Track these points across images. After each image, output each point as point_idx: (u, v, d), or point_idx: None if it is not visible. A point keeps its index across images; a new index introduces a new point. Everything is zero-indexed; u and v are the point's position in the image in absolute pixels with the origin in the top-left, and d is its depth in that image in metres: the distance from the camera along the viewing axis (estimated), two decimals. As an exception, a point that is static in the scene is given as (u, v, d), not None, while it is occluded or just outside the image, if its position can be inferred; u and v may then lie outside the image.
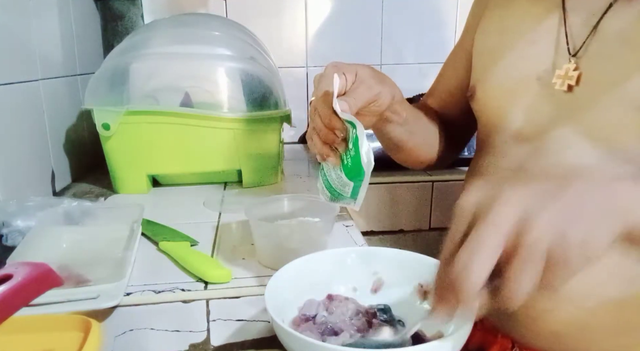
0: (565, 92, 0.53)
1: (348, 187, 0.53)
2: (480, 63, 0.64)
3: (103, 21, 1.27)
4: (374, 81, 0.55)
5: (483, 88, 0.62)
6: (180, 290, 0.55)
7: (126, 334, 0.54)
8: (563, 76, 0.53)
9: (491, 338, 0.61)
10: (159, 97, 0.89)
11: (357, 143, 0.49)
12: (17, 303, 0.47)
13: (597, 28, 0.51)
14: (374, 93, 0.55)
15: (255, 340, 0.56)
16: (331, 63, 0.55)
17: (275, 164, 0.97)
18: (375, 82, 0.55)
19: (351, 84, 0.54)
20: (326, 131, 0.52)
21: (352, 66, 0.55)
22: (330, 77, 0.52)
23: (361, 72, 0.55)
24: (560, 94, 0.53)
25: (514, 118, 0.58)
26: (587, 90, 0.51)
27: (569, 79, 0.52)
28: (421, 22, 1.39)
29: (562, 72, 0.53)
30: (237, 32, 1.02)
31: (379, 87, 0.55)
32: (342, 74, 0.53)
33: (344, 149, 0.52)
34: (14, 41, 0.81)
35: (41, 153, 0.90)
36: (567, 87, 0.52)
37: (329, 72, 0.53)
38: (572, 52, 0.53)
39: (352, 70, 0.54)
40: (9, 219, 0.66)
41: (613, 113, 0.49)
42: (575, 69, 0.52)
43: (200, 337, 0.55)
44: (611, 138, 0.49)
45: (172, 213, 0.81)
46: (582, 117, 0.51)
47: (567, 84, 0.52)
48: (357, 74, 0.54)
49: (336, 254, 0.55)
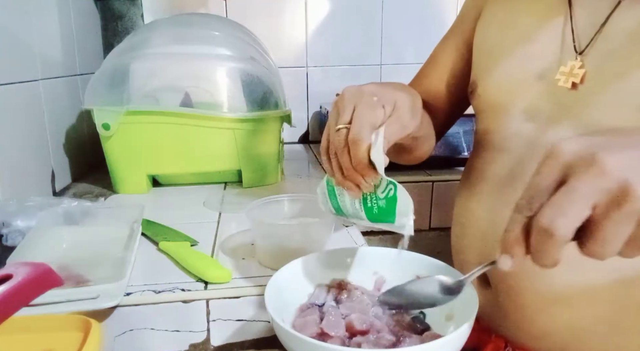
0: (568, 90, 0.52)
1: (362, 218, 0.50)
2: (481, 59, 0.64)
3: (103, 21, 1.27)
4: (409, 116, 0.51)
5: (484, 86, 0.62)
6: (180, 290, 0.55)
7: (126, 334, 0.54)
8: (567, 73, 0.52)
9: (485, 338, 0.61)
10: (159, 97, 0.89)
11: (394, 203, 0.46)
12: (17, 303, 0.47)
13: (605, 26, 0.51)
14: (406, 133, 0.51)
15: (255, 340, 0.56)
16: (370, 87, 0.49)
17: (275, 164, 0.97)
18: (410, 117, 0.51)
19: (388, 117, 0.48)
20: (353, 173, 0.47)
21: (391, 94, 0.49)
22: (370, 106, 0.46)
23: (400, 102, 0.49)
24: (563, 91, 0.53)
25: (513, 116, 0.58)
26: (591, 88, 0.51)
27: (573, 76, 0.52)
28: (421, 22, 1.39)
29: (566, 69, 0.52)
30: (237, 32, 1.02)
31: (413, 123, 0.52)
32: (382, 106, 0.47)
33: (369, 192, 0.48)
34: (14, 41, 0.81)
35: (41, 153, 0.90)
36: (571, 85, 0.52)
37: (368, 102, 0.47)
38: (578, 50, 0.52)
39: (392, 101, 0.49)
40: (9, 219, 0.66)
41: (616, 112, 0.49)
42: (581, 67, 0.51)
43: (200, 337, 0.55)
44: None
45: (172, 213, 0.81)
46: (583, 116, 0.51)
47: (572, 81, 0.52)
48: (396, 105, 0.49)
49: (336, 254, 0.55)
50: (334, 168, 0.48)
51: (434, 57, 0.75)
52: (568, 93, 0.52)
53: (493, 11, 0.63)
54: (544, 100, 0.55)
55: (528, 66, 0.57)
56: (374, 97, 0.48)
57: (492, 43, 0.62)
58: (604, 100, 0.49)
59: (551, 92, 0.54)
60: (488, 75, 0.61)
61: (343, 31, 1.38)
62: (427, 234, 1.16)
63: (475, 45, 0.66)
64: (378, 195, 0.47)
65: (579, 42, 0.53)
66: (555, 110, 0.54)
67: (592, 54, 0.51)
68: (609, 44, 0.50)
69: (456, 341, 0.41)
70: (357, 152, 0.45)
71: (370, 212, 0.49)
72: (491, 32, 0.63)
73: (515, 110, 0.58)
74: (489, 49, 0.62)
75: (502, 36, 0.60)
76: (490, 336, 0.61)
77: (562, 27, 0.54)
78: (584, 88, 0.51)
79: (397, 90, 0.51)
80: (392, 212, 0.46)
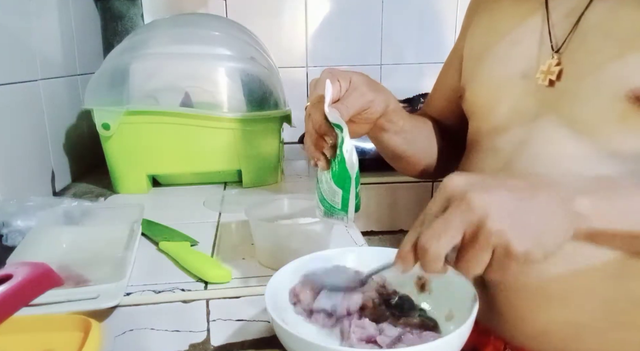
0: (547, 87, 0.55)
1: (338, 197, 0.52)
2: (468, 65, 0.66)
3: (103, 21, 1.26)
4: (368, 88, 0.56)
5: (471, 89, 0.64)
6: (180, 290, 0.55)
7: (126, 334, 0.54)
8: (545, 71, 0.55)
9: (484, 340, 0.61)
10: (159, 97, 0.89)
11: (343, 146, 0.50)
12: (17, 303, 0.47)
13: (578, 24, 0.53)
14: (367, 100, 0.56)
15: (255, 340, 0.56)
16: (327, 69, 0.56)
17: (275, 164, 0.97)
18: (369, 90, 0.56)
19: (345, 91, 0.54)
20: (316, 136, 0.53)
21: (347, 73, 0.55)
22: (324, 82, 0.52)
23: (355, 79, 0.55)
24: (543, 89, 0.55)
25: (500, 115, 0.60)
26: (568, 83, 0.53)
27: (550, 74, 0.54)
28: (421, 22, 1.39)
29: (545, 68, 0.55)
30: (237, 32, 1.02)
31: (372, 94, 0.56)
32: (337, 80, 0.53)
33: (333, 155, 0.53)
34: (14, 41, 0.81)
35: (41, 153, 0.90)
36: (548, 82, 0.54)
37: (323, 78, 0.54)
38: (555, 49, 0.55)
39: (347, 77, 0.55)
40: (9, 219, 0.66)
41: (594, 104, 0.51)
42: (558, 64, 0.54)
43: (200, 337, 0.55)
44: (594, 129, 0.51)
45: (172, 213, 0.81)
46: (564, 110, 0.53)
47: (549, 78, 0.54)
48: (352, 80, 0.55)
49: (336, 254, 0.55)
50: (308, 146, 0.55)
51: (438, 77, 0.78)
52: (547, 90, 0.55)
53: (480, 20, 0.66)
54: (528, 99, 0.57)
55: (511, 67, 0.59)
56: (329, 74, 0.54)
57: (477, 48, 0.65)
58: (582, 94, 0.52)
59: (533, 91, 0.56)
60: (474, 79, 0.63)
61: (343, 31, 1.38)
62: (427, 234, 1.16)
63: (464, 54, 0.68)
64: (337, 155, 0.51)
65: (556, 40, 0.55)
66: (538, 107, 0.56)
67: (568, 51, 0.54)
68: (582, 39, 0.53)
69: (456, 341, 0.41)
70: (314, 115, 0.53)
71: (335, 176, 0.52)
72: (476, 40, 0.66)
73: (501, 110, 0.59)
74: (475, 55, 0.65)
75: (486, 42, 0.63)
76: (489, 337, 0.61)
77: (540, 28, 0.57)
78: (562, 85, 0.54)
79: (356, 73, 0.56)
80: (344, 161, 0.50)
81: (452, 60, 0.74)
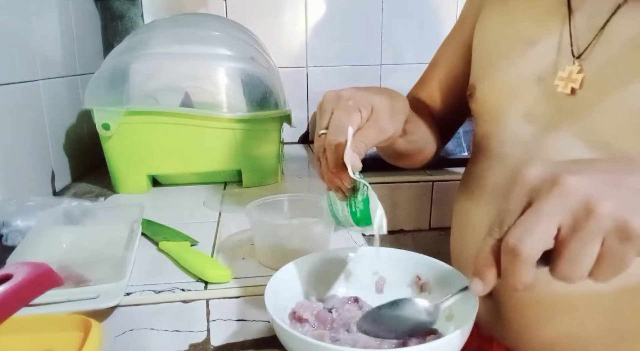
0: (567, 95, 0.52)
1: (353, 226, 0.51)
2: (479, 61, 0.63)
3: (103, 21, 1.26)
4: (388, 119, 0.50)
5: (482, 89, 0.61)
6: (180, 290, 0.55)
7: (126, 334, 0.54)
8: (566, 78, 0.51)
9: (487, 347, 0.61)
10: (159, 97, 0.89)
11: (368, 204, 0.47)
12: (17, 303, 0.47)
13: (604, 30, 0.50)
14: (385, 137, 0.51)
15: (255, 340, 0.56)
16: (347, 91, 0.49)
17: (275, 164, 0.97)
18: (389, 120, 0.50)
19: (365, 121, 0.49)
20: (332, 176, 0.48)
21: (369, 97, 0.49)
22: (344, 117, 0.47)
23: (377, 105, 0.49)
24: (562, 97, 0.52)
25: (511, 119, 0.57)
26: (590, 93, 0.50)
27: (572, 81, 0.51)
28: (421, 22, 1.39)
29: (565, 74, 0.52)
30: (237, 32, 1.02)
31: (392, 126, 0.51)
32: (358, 110, 0.48)
33: (351, 195, 0.49)
34: (14, 41, 0.81)
35: (41, 153, 0.90)
36: (570, 90, 0.51)
37: (343, 107, 0.48)
38: (576, 54, 0.51)
39: (368, 105, 0.49)
40: (9, 219, 0.66)
41: (614, 117, 0.48)
42: (580, 72, 0.50)
43: (200, 337, 0.55)
44: (611, 143, 0.48)
45: (172, 213, 0.81)
46: (583, 121, 0.50)
47: (571, 86, 0.51)
48: (373, 108, 0.49)
49: (336, 254, 0.55)
50: (320, 172, 0.50)
51: (435, 60, 0.75)
52: (567, 98, 0.52)
53: (492, 12, 0.63)
54: (543, 105, 0.54)
55: (526, 69, 0.56)
56: (350, 101, 0.48)
57: (490, 45, 0.62)
58: (604, 105, 0.49)
59: (550, 97, 0.53)
60: (486, 79, 0.61)
61: (343, 31, 1.38)
62: (427, 234, 1.16)
63: (474, 47, 0.65)
64: (357, 199, 0.49)
65: (577, 45, 0.52)
66: (554, 114, 0.53)
67: (591, 58, 0.50)
68: (608, 48, 0.49)
69: (456, 341, 0.41)
70: (332, 155, 0.47)
71: (354, 216, 0.50)
72: (489, 34, 0.62)
73: (513, 114, 0.57)
74: (487, 52, 0.62)
75: (500, 39, 0.60)
76: (492, 345, 0.60)
77: (559, 29, 0.54)
78: (583, 94, 0.51)
79: (376, 94, 0.50)
80: (369, 214, 0.48)
81: (453, 44, 0.71)
